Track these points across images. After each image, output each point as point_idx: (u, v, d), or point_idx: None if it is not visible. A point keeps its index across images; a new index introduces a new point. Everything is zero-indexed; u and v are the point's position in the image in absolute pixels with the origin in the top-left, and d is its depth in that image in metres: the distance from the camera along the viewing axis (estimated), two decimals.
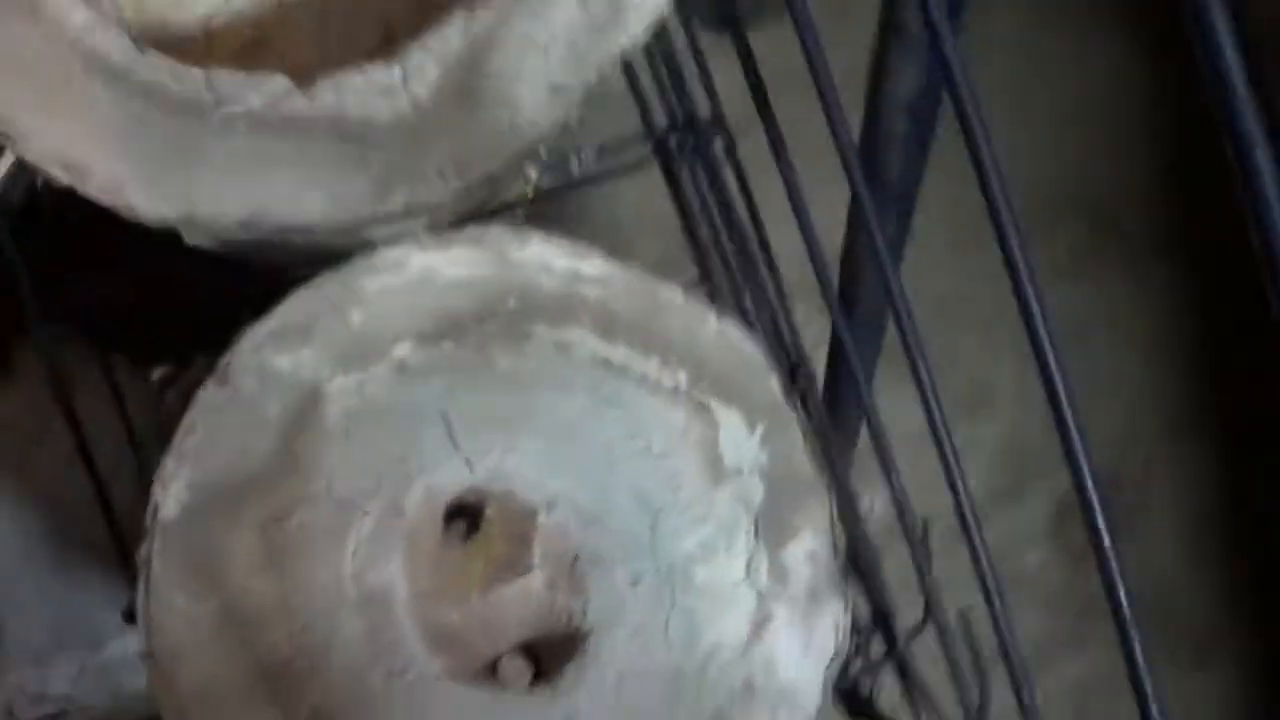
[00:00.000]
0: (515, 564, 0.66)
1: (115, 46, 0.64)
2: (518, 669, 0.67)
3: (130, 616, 0.63)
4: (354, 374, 0.64)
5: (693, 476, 0.66)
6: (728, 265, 0.90)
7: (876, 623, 0.83)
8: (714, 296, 0.94)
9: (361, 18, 0.76)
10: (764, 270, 0.85)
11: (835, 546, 0.67)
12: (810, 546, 0.67)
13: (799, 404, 0.70)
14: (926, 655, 0.84)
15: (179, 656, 0.62)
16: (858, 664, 0.85)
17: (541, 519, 0.66)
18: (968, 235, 1.39)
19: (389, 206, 0.66)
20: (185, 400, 0.65)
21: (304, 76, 0.66)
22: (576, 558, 0.66)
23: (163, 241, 0.68)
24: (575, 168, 0.86)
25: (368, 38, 0.74)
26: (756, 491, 0.67)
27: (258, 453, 0.64)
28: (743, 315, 0.89)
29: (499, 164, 0.66)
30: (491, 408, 0.65)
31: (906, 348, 0.63)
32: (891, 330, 0.99)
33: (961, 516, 0.66)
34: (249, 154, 0.65)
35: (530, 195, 0.83)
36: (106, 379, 0.91)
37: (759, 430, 0.67)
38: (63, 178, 0.65)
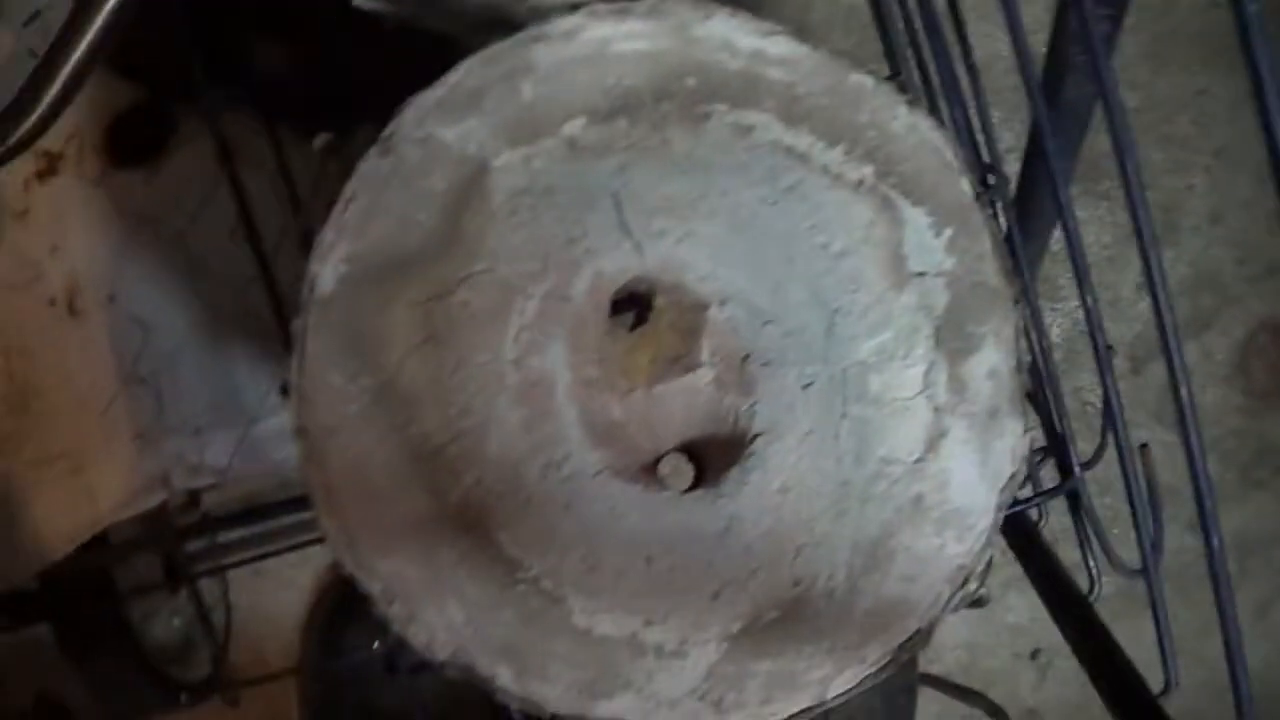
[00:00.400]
0: (683, 359, 0.63)
1: None
2: (678, 470, 0.65)
3: (287, 391, 0.62)
4: (522, 149, 0.61)
5: (873, 278, 0.62)
6: (921, 62, 0.85)
7: (1051, 449, 0.79)
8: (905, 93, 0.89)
9: None
10: (961, 67, 0.80)
11: (1019, 363, 0.63)
12: (993, 361, 0.63)
13: (991, 210, 0.66)
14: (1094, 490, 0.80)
15: (331, 434, 0.60)
16: (1027, 490, 0.81)
17: (713, 313, 0.62)
18: (1166, 49, 1.31)
19: None
20: (347, 171, 0.62)
21: None
22: (747, 357, 0.63)
23: (329, 7, 0.65)
24: None
25: None
26: (940, 298, 0.63)
27: (419, 227, 0.61)
28: (935, 114, 0.84)
29: None
30: (666, 191, 0.62)
31: (1116, 142, 0.58)
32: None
33: (1164, 336, 0.61)
34: None
35: None
36: (272, 150, 0.88)
37: (946, 233, 0.63)
38: None
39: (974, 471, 0.62)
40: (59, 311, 0.96)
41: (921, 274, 0.62)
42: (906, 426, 0.62)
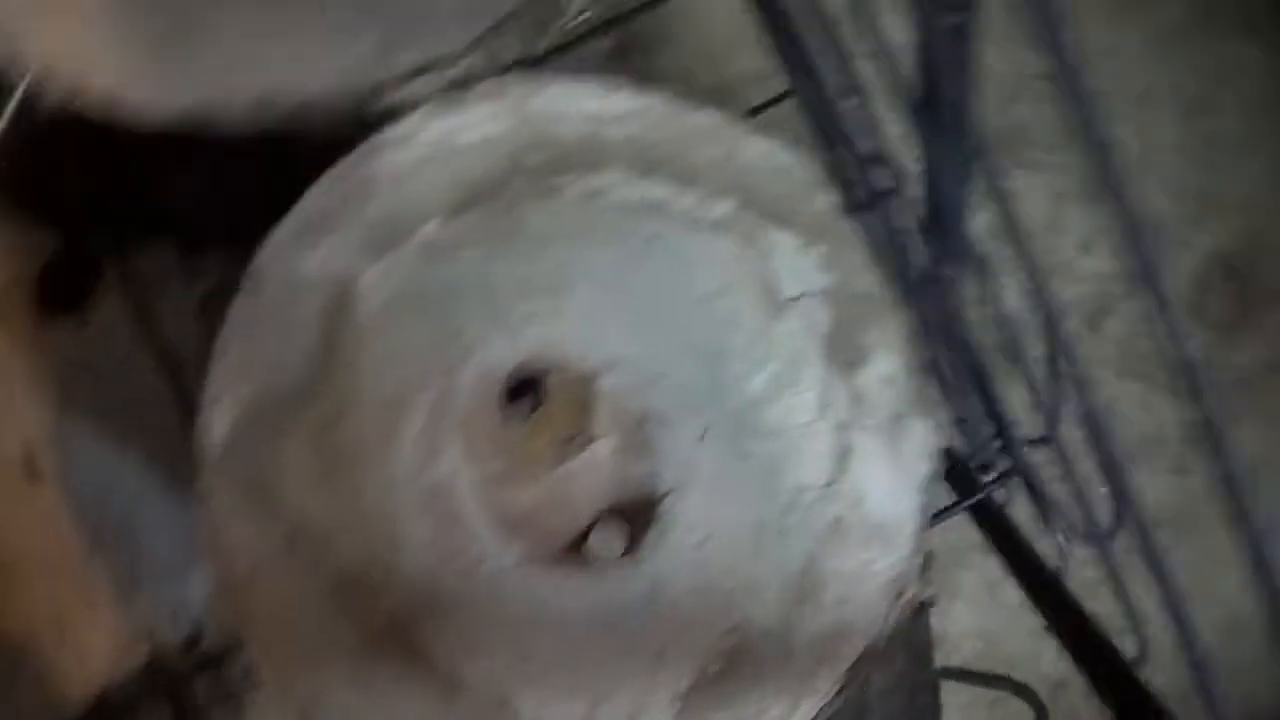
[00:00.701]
0: (580, 434, 0.63)
1: None
2: (609, 539, 0.64)
3: None
4: (384, 261, 0.61)
5: (750, 313, 0.62)
6: (822, 73, 0.84)
7: (999, 435, 0.79)
8: (807, 108, 0.88)
9: None
10: (857, 75, 0.79)
11: (914, 364, 0.63)
12: (887, 368, 0.62)
13: (890, 214, 0.65)
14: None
15: (250, 583, 0.60)
16: (988, 476, 0.81)
17: (600, 383, 0.62)
18: (1075, 6, 1.29)
19: (401, 65, 0.62)
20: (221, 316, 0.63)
21: None
22: (641, 419, 0.62)
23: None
24: None
25: None
26: (821, 317, 0.62)
27: (298, 360, 0.61)
28: (836, 125, 0.83)
29: (507, 6, 0.62)
30: (530, 272, 0.62)
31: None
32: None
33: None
34: (258, 23, 0.62)
35: (581, 28, 0.78)
36: (191, 281, 0.89)
37: (817, 251, 0.63)
38: (62, 87, 0.63)
39: (888, 481, 0.62)
40: (19, 476, 0.96)
41: (797, 297, 0.62)
42: (811, 452, 0.62)
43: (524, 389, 0.64)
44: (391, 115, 0.63)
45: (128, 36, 0.61)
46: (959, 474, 0.89)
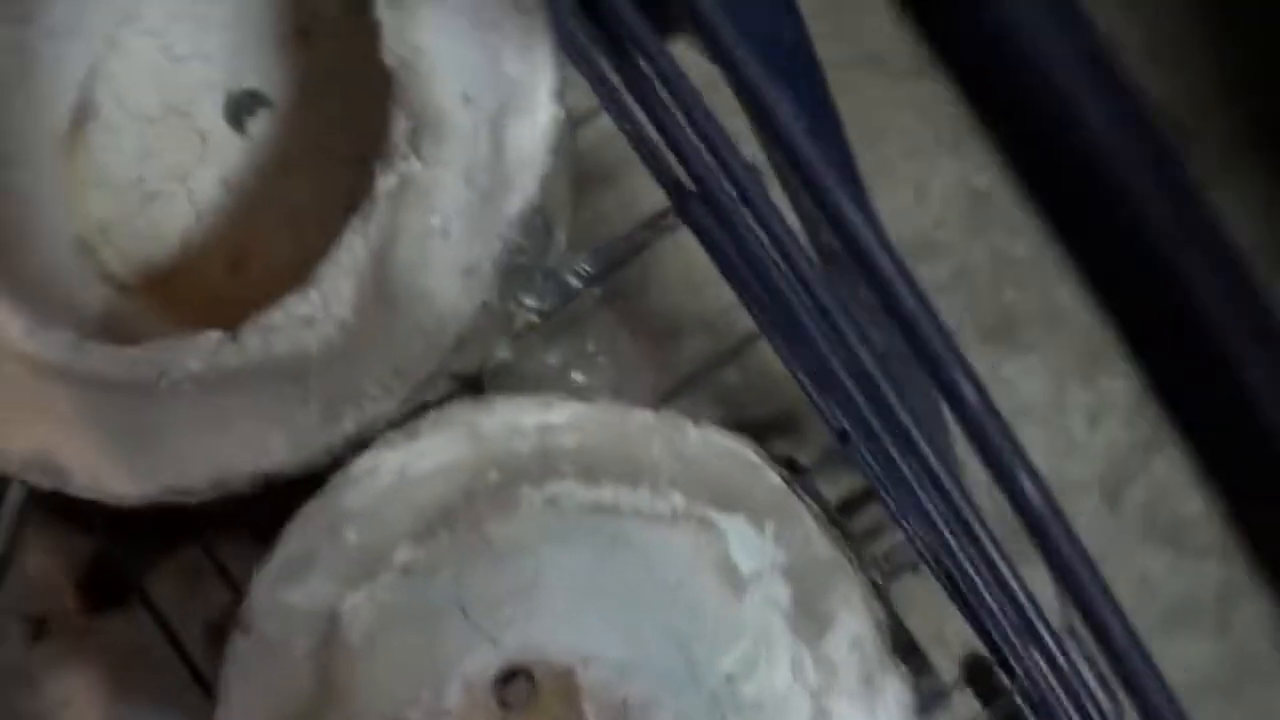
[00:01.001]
0: None
1: (53, 344, 0.67)
2: None
3: None
4: (364, 589, 0.65)
5: (714, 596, 0.65)
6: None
7: (994, 657, 0.80)
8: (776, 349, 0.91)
9: (329, 204, 0.76)
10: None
11: (878, 622, 0.66)
12: (852, 630, 0.65)
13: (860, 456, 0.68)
14: None
15: None
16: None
17: (581, 675, 0.66)
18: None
19: (343, 431, 0.67)
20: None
21: (286, 281, 0.67)
22: (624, 706, 0.66)
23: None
24: (575, 280, 0.84)
25: (338, 221, 0.74)
26: (782, 590, 0.66)
27: (297, 689, 0.65)
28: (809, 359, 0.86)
29: (434, 364, 0.67)
30: (501, 582, 0.66)
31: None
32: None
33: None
34: (203, 415, 0.67)
35: (535, 323, 0.82)
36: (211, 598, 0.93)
37: (768, 529, 0.66)
38: (46, 483, 0.68)
39: None
40: None
41: (758, 575, 0.66)
42: None
43: (513, 677, 0.68)
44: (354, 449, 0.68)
45: (91, 437, 0.66)
46: (983, 678, 0.90)
